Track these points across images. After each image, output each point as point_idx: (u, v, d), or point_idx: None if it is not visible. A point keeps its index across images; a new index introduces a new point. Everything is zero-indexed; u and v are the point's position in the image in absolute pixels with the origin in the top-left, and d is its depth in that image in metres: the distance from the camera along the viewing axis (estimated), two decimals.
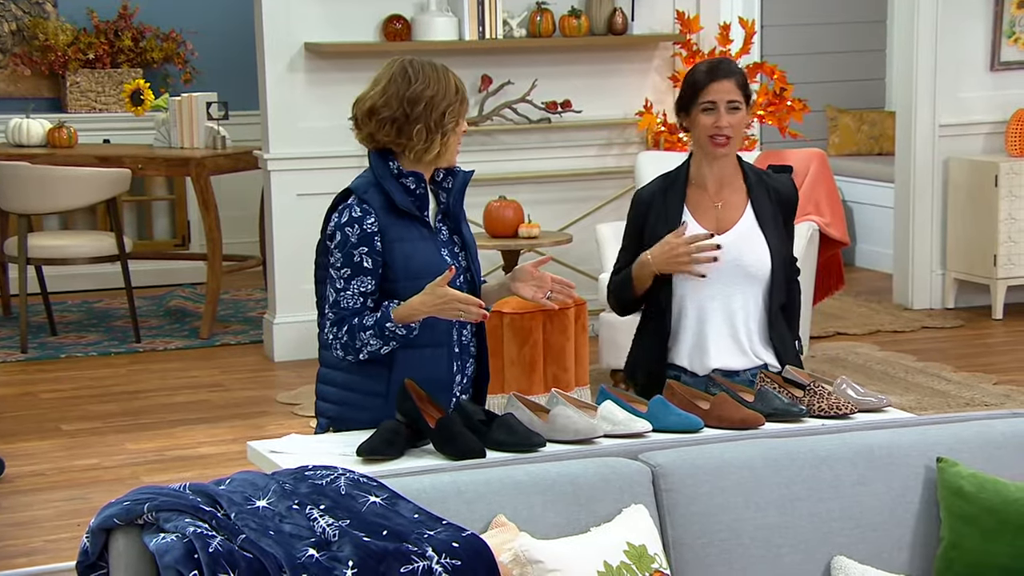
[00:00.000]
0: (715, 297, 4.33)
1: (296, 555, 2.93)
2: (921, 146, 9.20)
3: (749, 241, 4.32)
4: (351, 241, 3.95)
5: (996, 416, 3.83)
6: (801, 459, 3.52)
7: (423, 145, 3.97)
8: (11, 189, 8.31)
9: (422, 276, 3.92)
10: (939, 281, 9.30)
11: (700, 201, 4.38)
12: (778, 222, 4.37)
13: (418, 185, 3.99)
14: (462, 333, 4.06)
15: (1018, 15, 9.17)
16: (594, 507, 3.31)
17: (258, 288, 9.78)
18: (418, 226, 4.00)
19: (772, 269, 4.32)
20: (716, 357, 4.32)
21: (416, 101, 3.96)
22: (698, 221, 4.35)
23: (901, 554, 3.56)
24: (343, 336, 3.95)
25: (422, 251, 3.98)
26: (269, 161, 8.12)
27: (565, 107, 8.47)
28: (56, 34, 10.06)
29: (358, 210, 3.96)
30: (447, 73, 4.01)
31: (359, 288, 3.94)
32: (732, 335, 4.33)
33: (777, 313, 4.36)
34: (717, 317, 4.33)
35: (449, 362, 4.02)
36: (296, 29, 8.04)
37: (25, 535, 5.58)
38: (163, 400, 7.44)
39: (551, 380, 6.48)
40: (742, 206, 4.36)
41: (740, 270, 4.31)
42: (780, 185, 4.42)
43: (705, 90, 4.28)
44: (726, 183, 4.38)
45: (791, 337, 4.41)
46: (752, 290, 4.33)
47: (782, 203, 4.40)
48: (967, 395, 7.33)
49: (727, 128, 4.28)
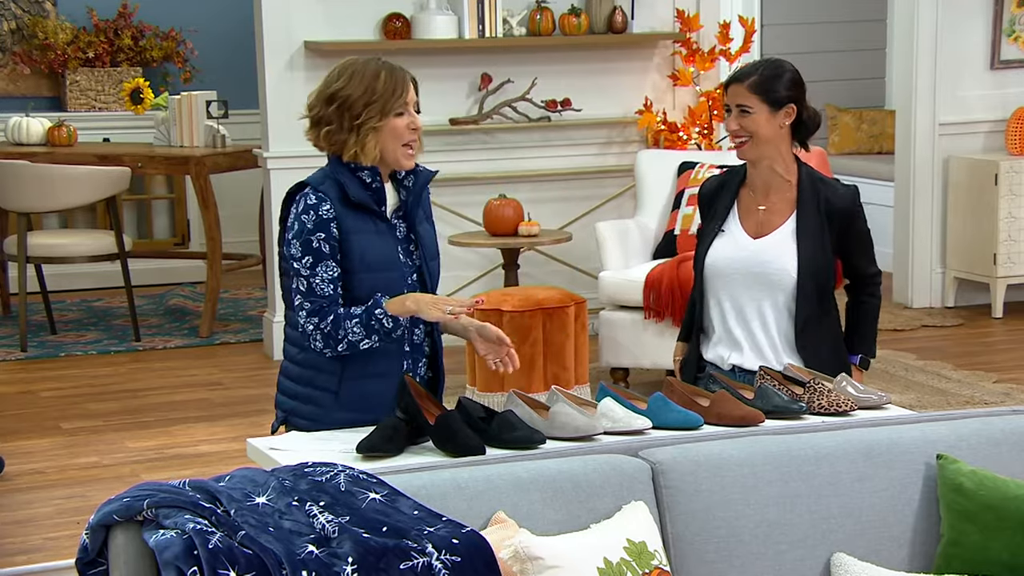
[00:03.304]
0: (738, 298, 4.36)
1: (296, 551, 2.92)
2: (921, 145, 9.20)
3: (779, 249, 4.33)
4: (307, 228, 3.94)
5: (996, 413, 3.83)
6: (801, 456, 3.52)
7: (338, 144, 3.97)
8: (11, 188, 8.31)
9: (377, 269, 3.95)
10: (939, 280, 9.30)
11: (749, 203, 4.41)
12: (824, 234, 4.33)
13: (374, 179, 3.99)
14: (413, 332, 4.04)
15: (1018, 13, 9.17)
16: (594, 504, 3.30)
17: (258, 287, 9.78)
18: (374, 220, 3.99)
19: (798, 280, 4.31)
20: (737, 356, 4.37)
21: (331, 100, 3.96)
22: (742, 222, 4.39)
23: (901, 551, 3.56)
24: (326, 326, 3.92)
25: (378, 245, 3.97)
26: (269, 160, 8.11)
27: (565, 106, 8.46)
28: (56, 33, 10.06)
29: (313, 198, 3.97)
30: (379, 70, 3.94)
31: (326, 274, 3.93)
32: (750, 338, 4.36)
33: (809, 324, 4.33)
34: (736, 317, 4.37)
35: (399, 360, 4.01)
36: (296, 27, 8.04)
37: (24, 533, 5.58)
38: (163, 398, 7.44)
39: (551, 378, 6.48)
40: (787, 213, 4.36)
41: (764, 277, 4.33)
42: (834, 195, 4.36)
43: (725, 92, 4.36)
44: (775, 187, 4.38)
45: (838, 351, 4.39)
46: (776, 298, 4.34)
47: (832, 214, 4.34)
48: (967, 393, 7.33)
49: (736, 130, 4.29)
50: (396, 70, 3.97)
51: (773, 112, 4.29)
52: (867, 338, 4.49)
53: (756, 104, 4.28)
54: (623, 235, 7.64)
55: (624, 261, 7.54)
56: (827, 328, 4.40)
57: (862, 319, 4.49)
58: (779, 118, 4.31)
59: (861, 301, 4.49)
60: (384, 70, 3.95)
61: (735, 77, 4.33)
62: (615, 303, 7.36)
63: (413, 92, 4.00)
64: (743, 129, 4.30)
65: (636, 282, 7.21)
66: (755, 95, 4.28)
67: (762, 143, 4.31)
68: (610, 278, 7.40)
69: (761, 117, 4.29)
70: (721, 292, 4.39)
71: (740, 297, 4.37)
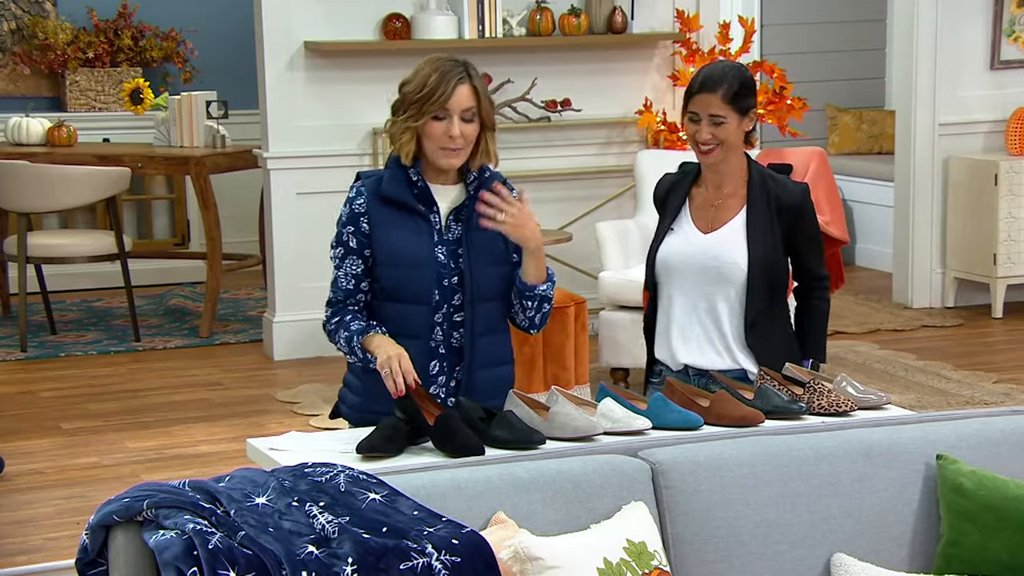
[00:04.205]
0: (687, 293, 4.34)
1: (296, 552, 2.92)
2: (921, 145, 9.20)
3: (729, 244, 4.31)
4: (343, 220, 4.00)
5: (996, 413, 3.83)
6: (801, 456, 3.52)
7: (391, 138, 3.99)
8: (10, 188, 8.31)
9: (404, 265, 3.94)
10: (939, 280, 9.30)
11: (701, 200, 4.41)
12: (773, 229, 4.32)
13: (418, 177, 3.99)
14: (452, 335, 3.99)
15: (1018, 13, 9.17)
16: (594, 504, 3.30)
17: (258, 287, 9.77)
18: (413, 217, 3.98)
19: (749, 274, 4.30)
20: (685, 353, 4.34)
21: (398, 93, 3.99)
22: (694, 219, 4.38)
23: (901, 551, 3.56)
24: (332, 325, 4.01)
25: (409, 241, 3.95)
26: (269, 160, 8.12)
27: (565, 106, 8.46)
28: (56, 33, 10.06)
29: (353, 191, 4.01)
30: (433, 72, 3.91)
31: (350, 269, 3.98)
32: (704, 333, 4.34)
33: (761, 319, 4.31)
34: (687, 313, 4.35)
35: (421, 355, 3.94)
36: (296, 28, 8.04)
37: (24, 533, 5.58)
38: (163, 399, 7.44)
39: (551, 378, 6.48)
40: (736, 209, 4.36)
41: (715, 271, 4.32)
42: (784, 192, 4.36)
43: (691, 100, 4.30)
44: (727, 184, 4.37)
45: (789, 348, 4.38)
46: (727, 292, 4.32)
47: (782, 209, 4.33)
48: (967, 394, 7.33)
49: (708, 139, 4.28)
50: (449, 74, 3.91)
51: (741, 119, 4.30)
52: (818, 342, 4.46)
53: (729, 114, 4.26)
54: (623, 235, 7.64)
55: (624, 261, 7.54)
56: (779, 327, 4.38)
57: (814, 322, 4.45)
58: (744, 124, 4.33)
59: (812, 304, 4.45)
60: (437, 72, 3.91)
61: (705, 86, 4.27)
62: (615, 303, 7.36)
63: (465, 99, 3.92)
64: (715, 138, 4.29)
65: (636, 282, 7.20)
66: (728, 106, 4.26)
67: (730, 149, 4.32)
68: (610, 278, 7.41)
69: (732, 126, 4.29)
70: (673, 288, 4.36)
71: (691, 292, 4.34)
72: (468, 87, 3.93)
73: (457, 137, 3.93)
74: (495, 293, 4.03)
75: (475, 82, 3.95)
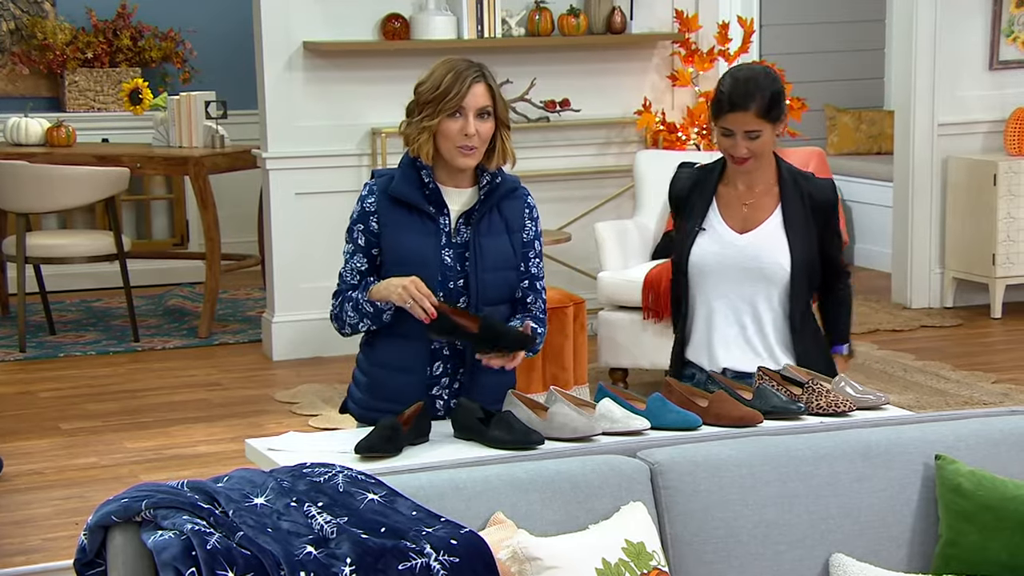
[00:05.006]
0: (725, 295, 4.30)
1: (294, 552, 2.92)
2: (920, 145, 9.20)
3: (770, 242, 4.28)
4: (354, 217, 4.04)
5: (994, 414, 3.83)
6: (799, 456, 3.52)
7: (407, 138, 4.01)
8: (9, 188, 8.31)
9: (408, 265, 3.94)
10: (938, 280, 9.30)
11: (730, 199, 4.35)
12: (809, 227, 4.31)
13: (430, 179, 3.99)
14: None
15: (1017, 14, 9.17)
16: (592, 504, 3.30)
17: (257, 287, 9.77)
18: (422, 218, 3.98)
19: (792, 273, 4.28)
20: (725, 356, 4.31)
21: (413, 94, 4.01)
22: (725, 219, 4.33)
23: (899, 551, 3.56)
24: (335, 308, 4.04)
25: (415, 242, 3.96)
26: (268, 160, 8.11)
27: (564, 106, 8.46)
28: (55, 33, 10.06)
29: (366, 189, 4.04)
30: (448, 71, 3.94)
31: (356, 265, 4.02)
32: (743, 335, 4.31)
33: (803, 319, 4.31)
34: (727, 316, 4.32)
35: (422, 356, 3.96)
36: (295, 28, 8.04)
37: (23, 533, 5.58)
38: (162, 399, 7.43)
39: (550, 378, 6.48)
40: (771, 207, 4.32)
41: (758, 271, 4.28)
42: (816, 189, 4.35)
43: (724, 117, 4.23)
44: (758, 183, 4.33)
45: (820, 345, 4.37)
46: (769, 292, 4.29)
47: (816, 208, 4.32)
48: (966, 394, 7.33)
49: (745, 154, 4.24)
50: (464, 73, 3.93)
51: (775, 127, 4.27)
52: (848, 327, 4.49)
53: (763, 126, 4.22)
54: (622, 235, 7.64)
55: (623, 261, 7.54)
56: (813, 324, 4.40)
57: (843, 311, 4.48)
58: (778, 128, 4.29)
59: (838, 295, 4.47)
60: (453, 71, 3.93)
61: (736, 104, 4.19)
62: (614, 303, 7.36)
63: (481, 98, 3.94)
64: (751, 152, 4.24)
65: (635, 282, 7.21)
66: (763, 119, 4.21)
67: (765, 155, 4.30)
68: (609, 278, 7.41)
69: (767, 136, 4.24)
70: (710, 291, 4.32)
71: (729, 294, 4.31)
72: (483, 85, 3.96)
73: (473, 135, 3.94)
74: (500, 298, 4.03)
75: (490, 81, 3.98)
